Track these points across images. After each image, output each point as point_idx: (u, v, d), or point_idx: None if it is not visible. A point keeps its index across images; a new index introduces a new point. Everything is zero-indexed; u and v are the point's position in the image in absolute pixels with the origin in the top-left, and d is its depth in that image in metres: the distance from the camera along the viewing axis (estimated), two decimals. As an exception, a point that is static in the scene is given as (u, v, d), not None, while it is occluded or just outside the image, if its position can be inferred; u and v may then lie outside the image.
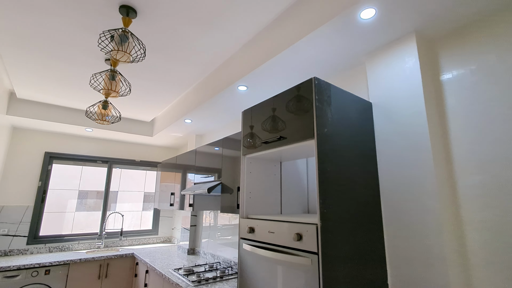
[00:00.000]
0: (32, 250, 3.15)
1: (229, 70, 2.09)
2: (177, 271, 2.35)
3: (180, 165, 3.20)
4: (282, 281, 1.21)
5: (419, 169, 1.26)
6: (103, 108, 1.95)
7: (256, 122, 1.58)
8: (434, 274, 1.14)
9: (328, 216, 1.11)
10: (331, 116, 1.25)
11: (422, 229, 1.21)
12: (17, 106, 2.88)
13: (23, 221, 3.15)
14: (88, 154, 3.71)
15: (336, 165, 1.22)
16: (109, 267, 3.07)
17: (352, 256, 1.17)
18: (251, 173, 1.63)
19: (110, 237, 3.68)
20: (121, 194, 4.00)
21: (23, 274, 2.62)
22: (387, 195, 1.37)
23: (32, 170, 3.31)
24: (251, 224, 1.45)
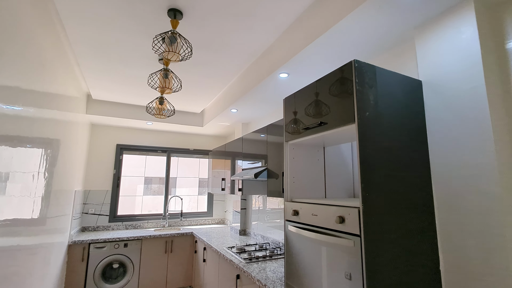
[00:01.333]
0: (113, 227, 3.76)
1: (270, 58, 2.13)
2: (230, 249, 2.57)
3: (229, 152, 3.40)
4: (326, 261, 1.26)
5: (477, 150, 1.15)
6: (159, 104, 2.19)
7: (298, 108, 1.61)
8: (493, 259, 1.07)
9: (370, 199, 1.12)
10: (373, 98, 1.22)
11: (480, 214, 1.12)
12: (93, 106, 3.39)
13: (104, 203, 3.76)
14: (150, 144, 4.19)
15: (380, 149, 1.19)
16: (173, 243, 3.50)
17: (398, 239, 1.15)
18: (294, 159, 1.68)
19: (172, 218, 4.16)
20: (179, 180, 4.44)
21: (108, 246, 3.17)
22: (439, 179, 1.29)
23: (108, 160, 3.89)
24: (295, 207, 1.52)
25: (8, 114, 1.16)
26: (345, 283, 1.14)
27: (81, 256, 3.03)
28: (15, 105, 1.22)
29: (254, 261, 2.20)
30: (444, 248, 1.24)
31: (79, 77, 2.70)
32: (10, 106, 1.18)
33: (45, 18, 1.55)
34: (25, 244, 1.49)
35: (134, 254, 3.28)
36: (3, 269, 1.17)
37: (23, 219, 1.40)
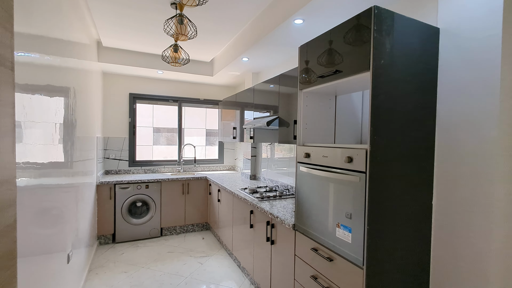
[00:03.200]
0: (133, 171, 4.07)
1: (285, 2, 2.07)
2: (243, 190, 2.84)
3: (239, 102, 3.48)
4: (333, 196, 1.46)
5: (482, 101, 1.23)
6: (174, 51, 2.21)
7: (312, 57, 1.65)
8: (480, 195, 1.23)
9: (378, 142, 1.24)
10: (389, 46, 1.26)
11: (475, 155, 1.25)
12: (104, 53, 3.39)
13: (123, 149, 4.02)
14: (161, 94, 4.26)
15: (391, 97, 1.28)
16: (189, 186, 3.83)
17: (398, 177, 1.32)
18: (307, 106, 1.78)
19: (186, 164, 4.45)
20: (187, 130, 4.60)
21: (131, 187, 3.51)
22: (443, 125, 1.39)
23: (122, 108, 4.02)
24: (307, 151, 1.67)
25: (25, 62, 1.15)
26: (347, 218, 1.34)
27: (108, 195, 3.38)
28: (32, 52, 1.25)
29: (265, 199, 2.46)
30: (438, 189, 1.41)
31: (89, 22, 2.66)
32: (27, 53, 1.18)
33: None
34: (57, 183, 1.69)
35: (155, 194, 3.63)
36: (41, 203, 1.36)
37: (53, 162, 1.56)
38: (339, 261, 1.40)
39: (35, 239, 1.27)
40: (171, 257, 3.10)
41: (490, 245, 1.19)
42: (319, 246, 1.56)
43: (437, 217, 1.41)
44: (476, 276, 1.23)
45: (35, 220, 1.28)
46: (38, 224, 1.33)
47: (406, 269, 1.36)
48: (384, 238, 1.28)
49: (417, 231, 1.39)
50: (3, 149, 0.61)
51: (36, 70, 1.30)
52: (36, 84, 1.30)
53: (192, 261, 3.02)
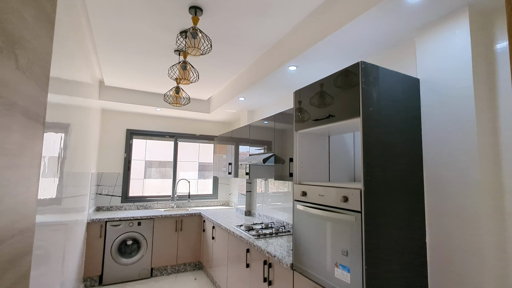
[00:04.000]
0: (125, 207, 3.99)
1: (280, 51, 2.27)
2: (239, 227, 2.82)
3: (235, 138, 3.58)
4: (330, 235, 1.49)
5: (462, 142, 1.35)
6: (176, 93, 2.35)
7: (308, 101, 1.78)
8: (470, 233, 1.29)
9: (371, 182, 1.32)
10: (376, 95, 1.40)
11: (462, 197, 1.34)
12: (105, 92, 3.52)
13: (116, 184, 3.98)
14: (158, 130, 4.35)
15: (380, 140, 1.39)
16: (182, 222, 3.75)
17: (392, 215, 1.37)
18: (302, 146, 1.87)
19: (180, 199, 4.40)
20: (180, 163, 4.61)
21: (123, 224, 3.41)
22: (430, 167, 1.49)
23: (119, 144, 4.06)
24: (304, 189, 1.73)
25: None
26: (344, 256, 1.37)
27: (99, 233, 3.27)
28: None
29: (262, 237, 2.44)
30: (430, 225, 1.47)
31: (95, 64, 2.82)
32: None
33: (71, 9, 1.67)
34: (48, 221, 1.65)
35: (147, 232, 3.53)
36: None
37: (45, 199, 1.56)
38: (340, 303, 1.39)
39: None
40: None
41: (483, 281, 1.22)
42: (318, 286, 1.54)
43: (432, 255, 1.44)
44: (475, 317, 1.24)
45: None
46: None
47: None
48: (382, 277, 1.30)
49: (414, 269, 1.41)
50: (29, 198, 0.65)
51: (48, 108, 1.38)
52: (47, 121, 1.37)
53: (184, 305, 2.86)
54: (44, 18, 0.67)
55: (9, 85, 0.52)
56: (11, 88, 0.53)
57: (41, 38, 0.67)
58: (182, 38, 2.02)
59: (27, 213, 0.65)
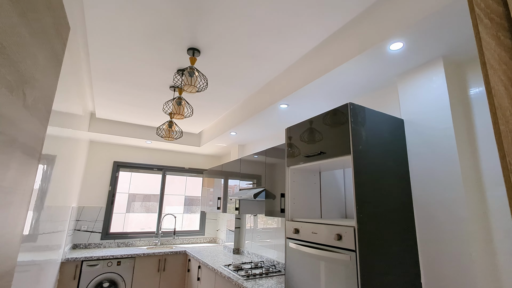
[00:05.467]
0: (105, 245, 3.73)
1: (272, 90, 2.39)
2: (227, 267, 2.67)
3: (225, 172, 3.56)
4: (324, 275, 1.44)
5: (448, 179, 1.41)
6: (168, 127, 2.37)
7: (298, 138, 1.84)
8: (463, 274, 1.29)
9: (364, 220, 1.32)
10: (365, 135, 1.47)
11: (453, 236, 1.35)
12: (95, 124, 3.50)
13: (97, 220, 3.76)
14: (147, 162, 4.28)
15: (371, 177, 1.42)
16: (166, 262, 3.52)
17: (387, 254, 1.36)
18: (294, 182, 1.88)
19: (165, 236, 4.18)
20: (165, 197, 4.47)
21: (101, 264, 3.16)
22: (419, 204, 1.53)
23: (104, 176, 3.93)
24: (296, 226, 1.70)
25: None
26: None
27: (73, 274, 3.01)
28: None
29: (251, 278, 2.31)
30: (423, 261, 1.45)
31: (88, 97, 2.84)
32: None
33: (72, 45, 1.73)
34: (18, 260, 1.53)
35: (127, 272, 3.28)
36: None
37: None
38: None
39: None
40: None
41: (484, 329, 1.19)
42: (314, 335, 1.44)
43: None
44: None
45: None
46: None
47: None
48: (380, 324, 1.24)
49: (412, 315, 1.36)
50: (14, 238, 0.61)
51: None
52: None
53: None
54: (54, 59, 0.69)
55: (15, 123, 0.52)
56: (15, 125, 0.53)
57: (49, 76, 0.69)
58: (179, 76, 2.10)
59: (9, 255, 0.61)
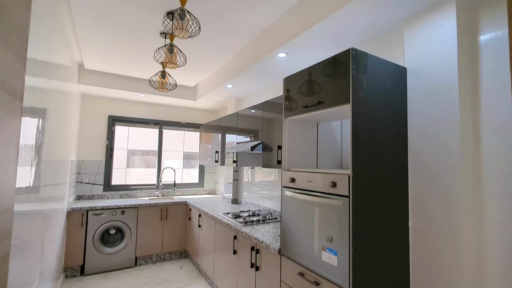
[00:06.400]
0: (107, 196, 3.88)
1: (270, 38, 2.24)
2: (226, 215, 2.82)
3: (222, 126, 3.54)
4: (318, 220, 1.52)
5: (446, 129, 1.40)
6: (161, 77, 2.27)
7: (297, 88, 1.78)
8: (450, 218, 1.36)
9: (358, 168, 1.35)
10: (365, 83, 1.41)
11: (443, 184, 1.40)
12: (85, 76, 3.35)
13: (98, 173, 3.85)
14: (142, 117, 4.22)
15: (369, 126, 1.41)
16: (168, 211, 3.71)
17: (378, 200, 1.42)
18: (291, 133, 1.88)
19: (165, 188, 4.33)
20: (165, 153, 4.52)
21: (105, 213, 3.32)
22: (414, 152, 1.54)
23: (100, 131, 3.91)
24: (292, 175, 1.74)
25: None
26: (331, 240, 1.40)
27: (80, 222, 3.17)
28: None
29: (249, 224, 2.46)
30: (413, 209, 1.53)
31: (74, 45, 2.66)
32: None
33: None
34: (24, 210, 1.58)
35: (131, 221, 3.46)
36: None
37: (21, 188, 1.48)
38: (326, 285, 1.43)
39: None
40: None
41: (461, 274, 1.30)
42: (306, 270, 1.58)
43: (414, 238, 1.51)
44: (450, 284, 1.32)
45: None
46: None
47: (389, 281, 1.42)
48: (368, 259, 1.34)
49: (397, 250, 1.47)
50: (7, 178, 0.61)
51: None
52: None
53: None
54: (20, -19, 0.61)
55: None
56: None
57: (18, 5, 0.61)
58: (169, 20, 1.93)
59: (4, 193, 0.60)
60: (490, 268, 1.30)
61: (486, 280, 1.31)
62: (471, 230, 1.34)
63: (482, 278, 1.32)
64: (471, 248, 1.32)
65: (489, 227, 1.32)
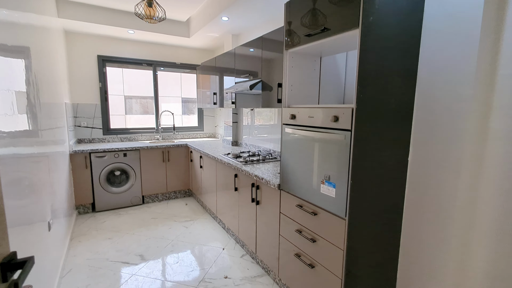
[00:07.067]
0: (108, 139, 3.90)
1: (270, -47, 1.92)
2: (226, 155, 2.86)
3: (219, 67, 3.34)
4: (318, 155, 1.51)
5: (462, 60, 1.28)
6: (148, 6, 2.02)
7: (299, 14, 1.58)
8: (451, 153, 1.34)
9: (363, 101, 1.27)
10: (378, 3, 1.24)
11: (451, 113, 1.34)
12: (65, 8, 3.01)
13: (95, 116, 3.79)
14: (134, 57, 3.96)
15: (377, 56, 1.29)
16: (169, 153, 3.77)
17: (379, 135, 1.38)
18: (292, 68, 1.75)
19: (165, 132, 4.33)
20: (162, 99, 4.38)
21: (108, 155, 3.38)
22: (423, 82, 1.45)
23: (91, 72, 3.71)
24: (293, 112, 1.68)
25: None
26: (331, 173, 1.40)
27: (84, 164, 3.25)
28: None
29: (249, 163, 2.50)
30: (414, 142, 1.50)
31: (44, -31, 2.31)
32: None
33: None
34: (26, 153, 1.58)
35: (134, 162, 3.54)
36: (11, 174, 1.28)
37: (18, 131, 1.43)
38: (323, 215, 1.50)
39: (9, 211, 1.21)
40: (155, 223, 3.14)
41: (454, 202, 1.33)
42: (304, 202, 1.64)
43: (412, 172, 1.52)
44: (442, 219, 1.39)
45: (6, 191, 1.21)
46: (11, 196, 1.26)
47: (382, 215, 1.49)
48: (365, 190, 1.37)
49: (394, 183, 1.51)
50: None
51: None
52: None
53: (176, 225, 3.08)
54: None
55: None
56: None
57: None
58: None
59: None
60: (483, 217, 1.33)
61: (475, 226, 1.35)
62: (469, 166, 1.33)
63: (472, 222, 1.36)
64: (467, 183, 1.33)
65: (492, 155, 1.31)
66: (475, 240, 1.32)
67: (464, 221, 1.34)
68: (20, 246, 1.24)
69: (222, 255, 2.46)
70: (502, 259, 1.23)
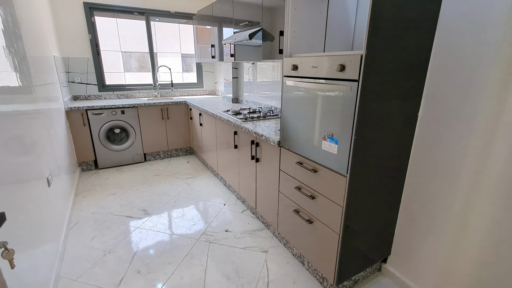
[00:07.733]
0: (104, 96, 3.77)
1: None
2: (226, 112, 2.75)
3: (217, 17, 3.04)
4: (321, 109, 1.40)
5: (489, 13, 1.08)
6: None
7: None
8: (466, 106, 1.22)
9: (374, 46, 1.12)
10: None
11: (472, 61, 1.19)
12: None
13: (89, 72, 3.61)
14: (123, 4, 3.62)
15: None
16: (168, 111, 3.66)
17: (389, 87, 1.25)
18: (296, 10, 1.54)
19: (163, 88, 4.16)
20: (161, 54, 4.12)
21: (105, 113, 3.29)
22: (444, 30, 1.26)
23: (78, 22, 3.43)
24: (295, 62, 1.52)
25: None
26: (334, 128, 1.31)
27: (81, 121, 3.18)
28: None
29: (249, 120, 2.40)
30: (427, 97, 1.37)
31: None
32: None
33: None
34: (22, 109, 1.50)
35: (133, 120, 3.46)
36: (8, 131, 1.23)
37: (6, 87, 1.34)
38: (323, 172, 1.44)
39: (6, 167, 1.17)
40: (158, 180, 3.18)
41: (464, 152, 1.24)
42: (304, 159, 1.58)
43: (421, 128, 1.42)
44: (448, 181, 1.33)
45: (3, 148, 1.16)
46: (7, 152, 1.21)
47: (386, 173, 1.44)
48: (369, 147, 1.29)
49: (400, 140, 1.42)
50: None
51: None
52: None
53: (179, 182, 3.12)
54: None
55: None
56: None
57: None
58: None
59: None
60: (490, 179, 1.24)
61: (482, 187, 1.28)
62: (481, 128, 1.22)
63: (479, 183, 1.28)
64: (478, 147, 1.23)
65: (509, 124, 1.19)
66: (479, 201, 1.27)
67: (472, 181, 1.28)
68: (18, 203, 1.23)
69: (223, 210, 2.51)
70: (507, 222, 1.19)
